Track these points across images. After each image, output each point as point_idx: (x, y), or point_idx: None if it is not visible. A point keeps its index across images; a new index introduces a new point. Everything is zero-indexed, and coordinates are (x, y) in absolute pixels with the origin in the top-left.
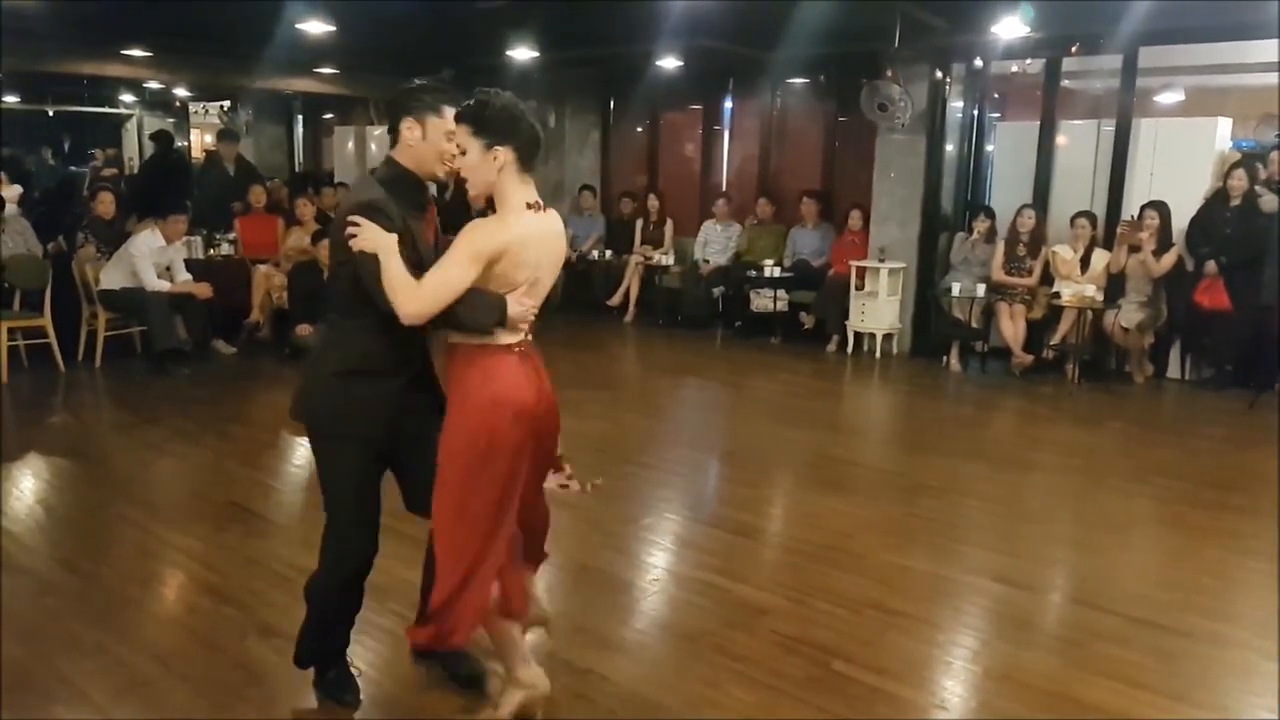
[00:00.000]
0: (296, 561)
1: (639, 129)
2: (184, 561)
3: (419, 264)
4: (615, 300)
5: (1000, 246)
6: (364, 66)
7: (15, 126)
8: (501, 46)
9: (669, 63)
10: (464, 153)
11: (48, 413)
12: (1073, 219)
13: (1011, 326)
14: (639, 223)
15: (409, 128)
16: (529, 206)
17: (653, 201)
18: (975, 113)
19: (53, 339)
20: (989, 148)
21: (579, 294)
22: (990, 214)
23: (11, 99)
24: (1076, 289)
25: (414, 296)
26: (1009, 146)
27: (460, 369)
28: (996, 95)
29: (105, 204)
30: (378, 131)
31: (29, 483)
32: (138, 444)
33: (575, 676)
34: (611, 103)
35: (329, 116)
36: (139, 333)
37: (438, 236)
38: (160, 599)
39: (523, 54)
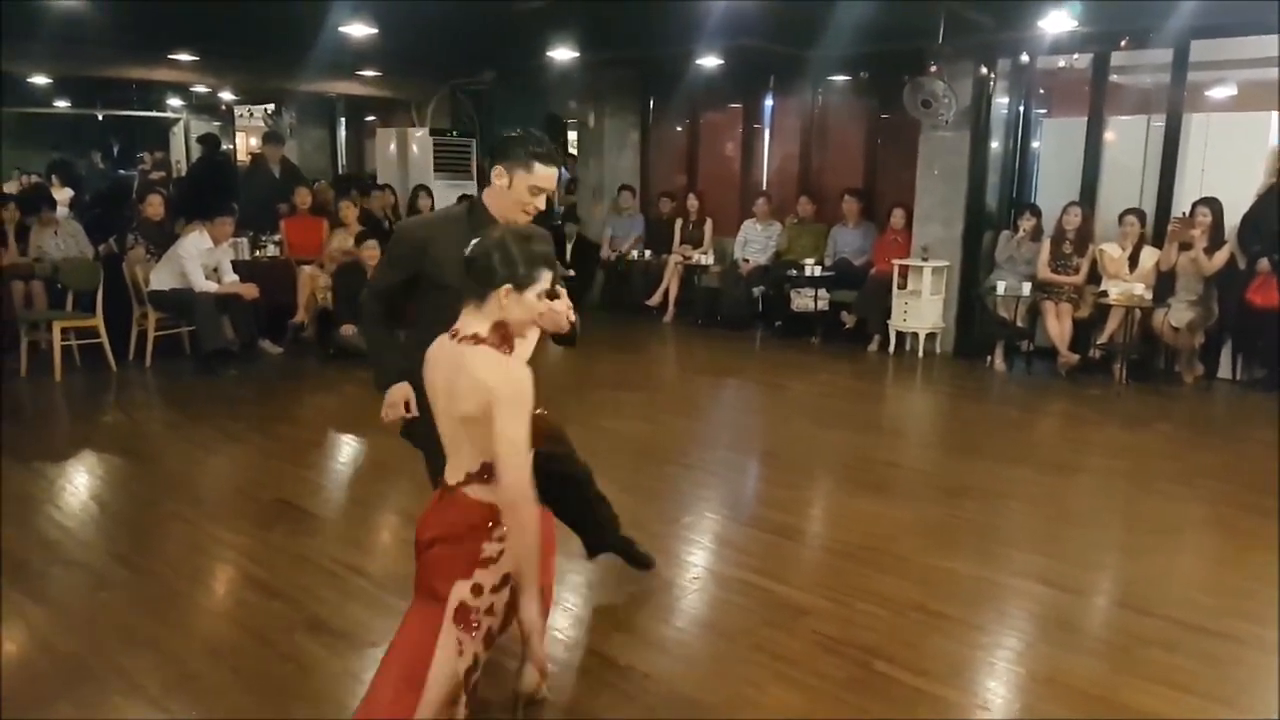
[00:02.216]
0: (343, 557)
1: (678, 128)
2: (233, 557)
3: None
4: (654, 300)
5: (1046, 244)
6: (405, 69)
7: (66, 131)
8: (541, 48)
9: (709, 62)
10: None
11: (100, 411)
12: (1121, 216)
13: (1058, 326)
14: (678, 222)
15: (498, 174)
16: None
17: (692, 201)
18: (1021, 109)
19: (104, 339)
20: (1035, 144)
21: (618, 294)
22: (1036, 211)
23: (62, 104)
24: (1125, 287)
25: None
26: (1056, 143)
27: None
28: (1043, 91)
29: (154, 206)
30: (419, 133)
31: (83, 479)
32: (187, 442)
33: (616, 673)
34: (651, 102)
35: (371, 119)
36: (188, 333)
37: None
38: (211, 593)
39: (562, 54)
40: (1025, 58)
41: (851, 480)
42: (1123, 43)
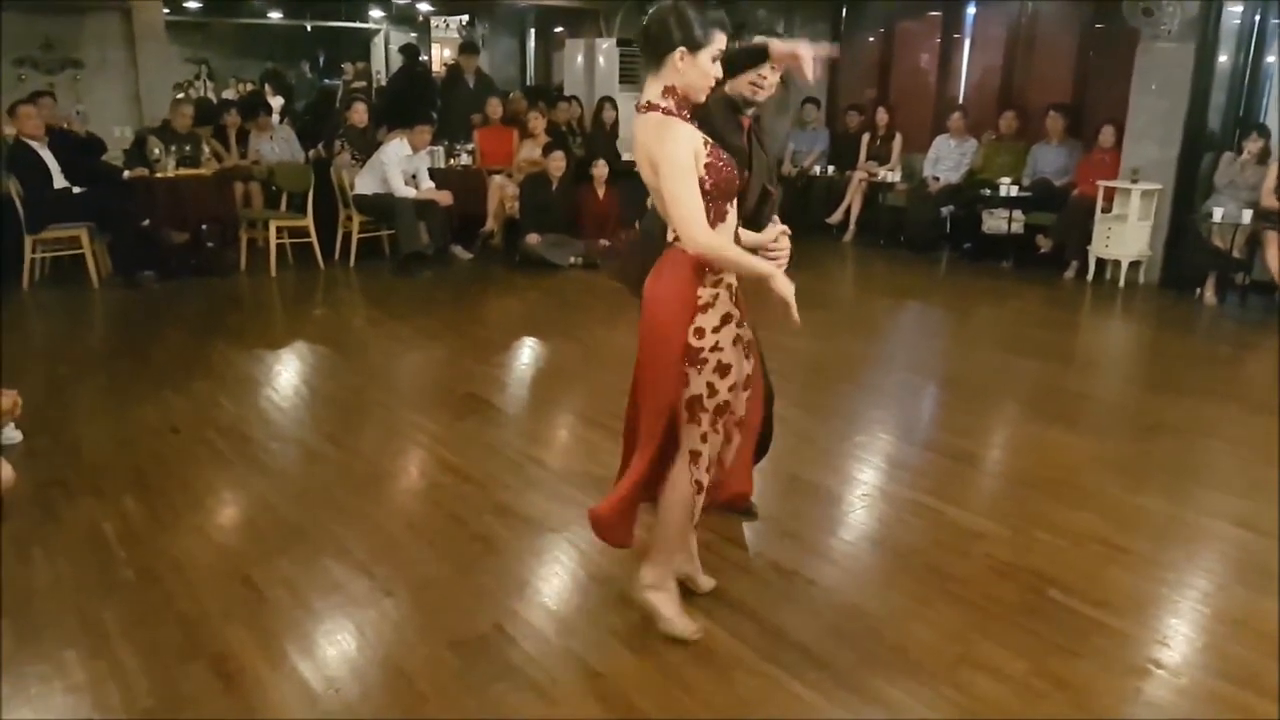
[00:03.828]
0: (526, 450)
1: (870, 38)
2: (428, 443)
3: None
4: (835, 218)
5: (1274, 169)
6: None
7: (278, 41)
8: None
9: None
10: None
11: (310, 305)
12: None
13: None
14: (865, 137)
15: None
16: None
17: (881, 115)
18: (1257, 18)
19: (314, 238)
20: (1269, 58)
21: (797, 211)
22: (1265, 132)
23: (275, 15)
24: None
25: None
26: None
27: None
28: None
29: (359, 114)
30: (605, 44)
31: (295, 365)
32: (386, 336)
33: (781, 576)
34: (844, 10)
35: (559, 30)
36: (387, 236)
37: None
38: (408, 474)
39: None
40: None
41: (1037, 410)
42: None
